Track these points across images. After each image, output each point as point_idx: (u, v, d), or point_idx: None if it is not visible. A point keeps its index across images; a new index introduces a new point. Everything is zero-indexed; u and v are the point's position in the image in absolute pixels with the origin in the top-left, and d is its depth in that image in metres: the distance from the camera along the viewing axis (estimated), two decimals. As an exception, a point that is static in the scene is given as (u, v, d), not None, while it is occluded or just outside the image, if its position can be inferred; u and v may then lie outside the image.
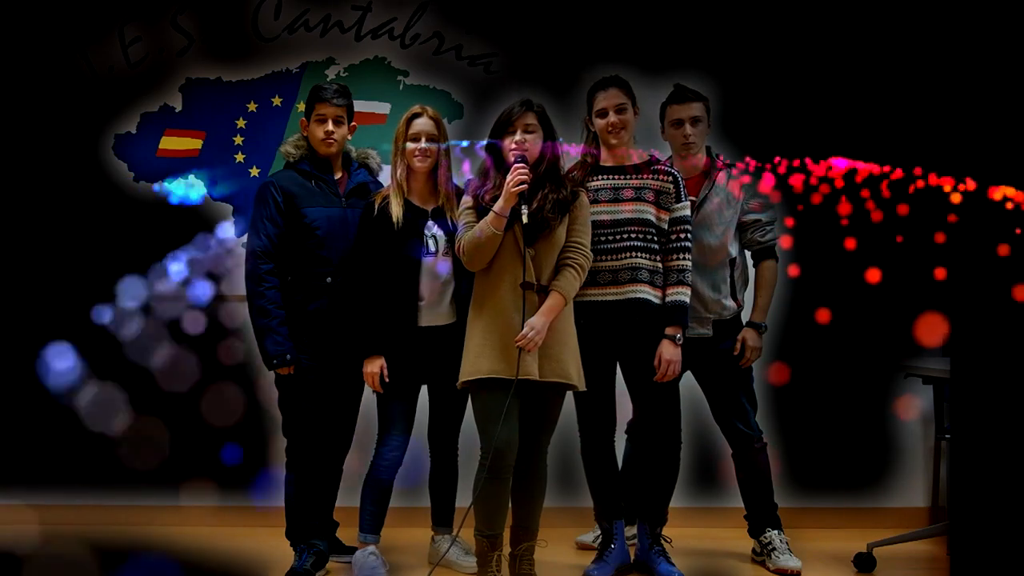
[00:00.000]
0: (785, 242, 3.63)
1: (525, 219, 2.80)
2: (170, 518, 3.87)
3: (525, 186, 2.80)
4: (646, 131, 3.46)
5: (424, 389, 3.19)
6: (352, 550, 3.40)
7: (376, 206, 3.07)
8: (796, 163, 3.69)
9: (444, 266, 3.06)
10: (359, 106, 3.66)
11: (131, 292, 3.88)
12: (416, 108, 3.13)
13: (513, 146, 2.88)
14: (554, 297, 2.85)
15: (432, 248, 3.06)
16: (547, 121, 2.94)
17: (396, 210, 3.04)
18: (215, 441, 3.88)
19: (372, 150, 3.40)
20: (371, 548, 3.12)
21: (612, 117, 3.07)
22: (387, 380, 3.04)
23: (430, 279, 3.06)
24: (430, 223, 3.09)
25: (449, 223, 3.07)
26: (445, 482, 3.26)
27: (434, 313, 3.06)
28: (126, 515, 3.87)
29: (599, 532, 3.30)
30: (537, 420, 2.91)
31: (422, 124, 3.08)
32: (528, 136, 2.89)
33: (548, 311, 2.84)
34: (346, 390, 3.16)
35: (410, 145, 3.08)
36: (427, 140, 3.07)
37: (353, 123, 3.27)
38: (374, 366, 3.04)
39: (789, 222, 3.63)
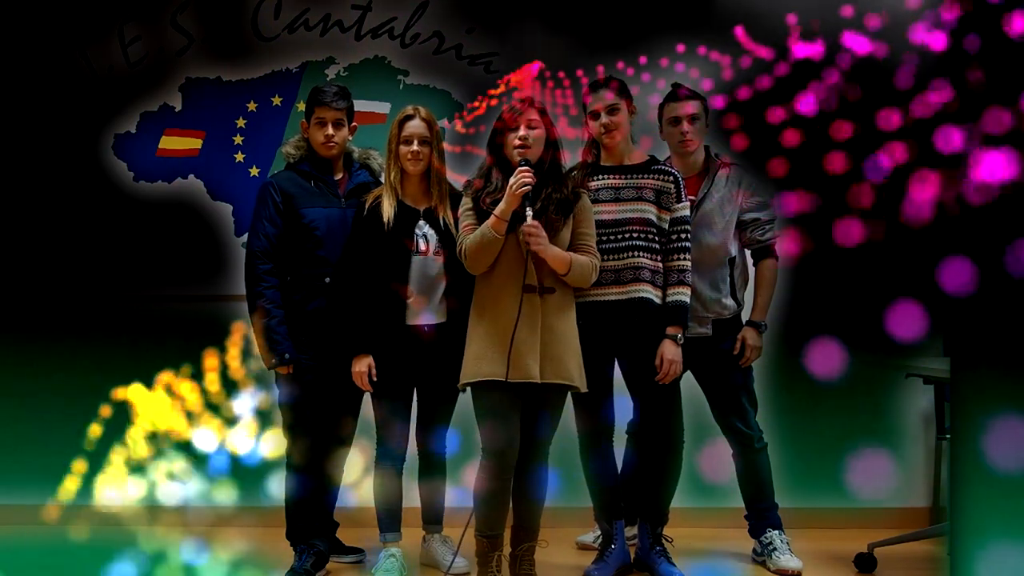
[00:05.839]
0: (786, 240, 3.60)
1: (529, 222, 2.79)
2: (170, 518, 3.87)
3: (528, 188, 2.78)
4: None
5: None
6: (352, 550, 3.42)
7: (367, 206, 3.07)
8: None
9: (434, 265, 3.06)
10: (359, 106, 3.66)
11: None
12: (409, 110, 3.12)
13: (517, 142, 2.87)
14: (566, 253, 2.84)
15: (422, 247, 3.06)
16: (548, 120, 2.93)
17: (387, 210, 3.04)
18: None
19: (374, 150, 3.39)
20: (392, 549, 3.13)
21: (604, 118, 3.07)
22: (375, 379, 3.05)
23: (419, 278, 3.05)
24: (421, 222, 3.08)
25: (441, 223, 3.07)
26: (434, 482, 3.26)
27: (424, 312, 3.05)
28: (126, 515, 3.87)
29: (599, 532, 3.30)
30: (538, 421, 2.90)
31: (414, 127, 3.08)
32: (531, 132, 2.88)
33: (553, 250, 2.81)
34: (346, 390, 3.15)
35: (402, 148, 3.07)
36: (419, 143, 3.06)
37: (354, 123, 3.27)
38: (362, 365, 3.04)
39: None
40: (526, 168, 2.81)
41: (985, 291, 1.54)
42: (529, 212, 2.78)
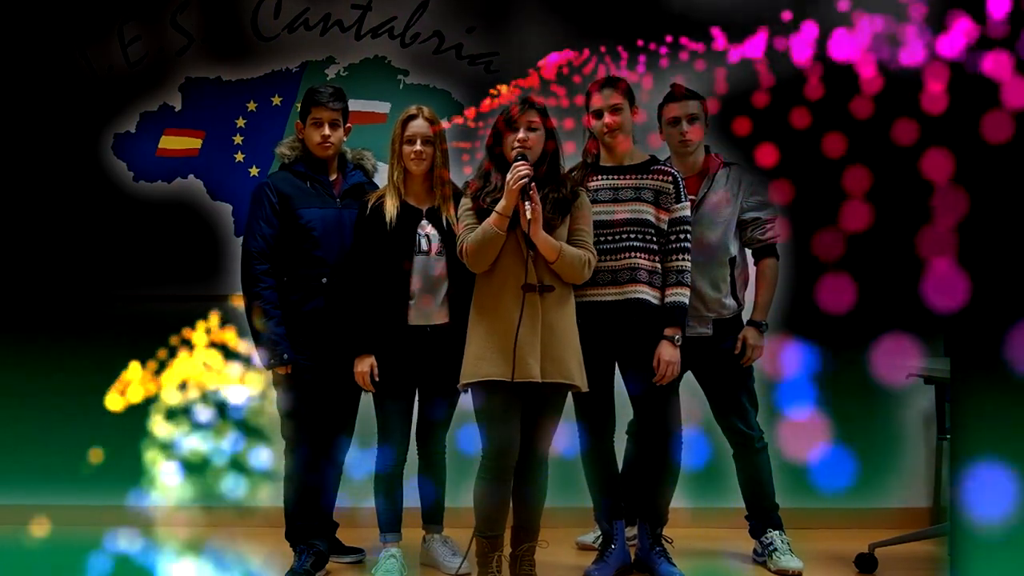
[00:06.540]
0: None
1: (528, 215, 2.78)
2: (169, 518, 3.86)
3: (526, 180, 2.78)
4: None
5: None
6: (352, 550, 3.42)
7: (369, 206, 3.07)
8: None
9: (436, 265, 3.06)
10: (359, 105, 3.67)
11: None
12: (412, 110, 3.12)
13: (516, 144, 2.87)
14: (556, 241, 2.83)
15: (425, 247, 3.06)
16: (548, 120, 2.93)
17: (390, 210, 3.04)
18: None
19: (367, 151, 3.39)
20: (392, 549, 3.13)
21: (607, 118, 3.07)
22: (377, 379, 3.05)
23: (422, 278, 3.05)
24: (423, 222, 3.08)
25: (444, 222, 3.07)
26: (433, 481, 3.26)
27: (426, 312, 3.05)
28: (126, 515, 3.87)
29: (599, 532, 3.30)
30: (538, 420, 2.90)
31: (417, 126, 3.08)
32: (531, 134, 2.87)
33: (544, 235, 2.80)
34: (345, 390, 3.15)
35: (406, 148, 3.08)
36: (422, 143, 3.07)
37: (349, 124, 3.27)
38: (364, 365, 3.04)
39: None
40: (522, 162, 2.80)
41: (984, 293, 1.55)
42: (528, 206, 2.76)
